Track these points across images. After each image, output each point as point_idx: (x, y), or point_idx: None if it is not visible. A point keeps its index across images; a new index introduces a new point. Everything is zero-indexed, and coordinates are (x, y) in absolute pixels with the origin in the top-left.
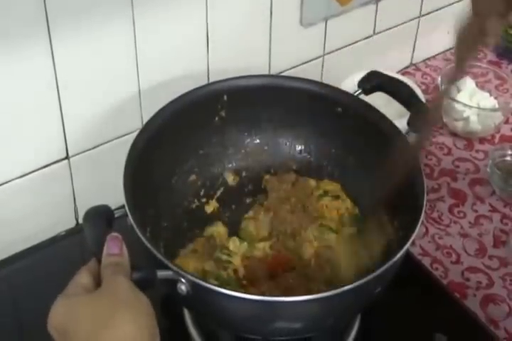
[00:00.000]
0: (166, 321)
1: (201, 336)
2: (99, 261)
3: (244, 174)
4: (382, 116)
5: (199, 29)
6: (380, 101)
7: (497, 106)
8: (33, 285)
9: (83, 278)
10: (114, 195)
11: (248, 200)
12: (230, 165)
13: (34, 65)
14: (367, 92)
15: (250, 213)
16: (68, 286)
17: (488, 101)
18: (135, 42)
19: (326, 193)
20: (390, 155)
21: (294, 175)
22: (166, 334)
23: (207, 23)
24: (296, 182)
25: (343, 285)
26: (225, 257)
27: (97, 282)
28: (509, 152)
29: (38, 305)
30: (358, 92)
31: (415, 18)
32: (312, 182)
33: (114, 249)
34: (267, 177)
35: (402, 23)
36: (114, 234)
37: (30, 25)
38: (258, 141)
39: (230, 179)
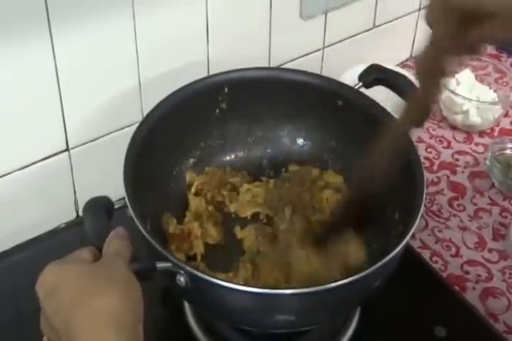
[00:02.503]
0: (166, 313)
1: (201, 328)
2: (99, 250)
3: (244, 166)
4: (383, 110)
5: (199, 21)
6: (381, 94)
7: (496, 99)
8: (33, 278)
9: (83, 252)
10: (114, 187)
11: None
12: (231, 158)
13: (34, 55)
14: (367, 86)
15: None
16: (67, 256)
17: (487, 94)
18: (135, 33)
19: (327, 185)
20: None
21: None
22: (165, 326)
23: (207, 15)
24: (298, 171)
25: (343, 279)
26: None
27: (96, 260)
28: (509, 145)
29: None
30: (358, 86)
31: (415, 11)
32: (315, 172)
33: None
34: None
35: (402, 16)
36: (120, 227)
37: (30, 15)
38: (259, 133)
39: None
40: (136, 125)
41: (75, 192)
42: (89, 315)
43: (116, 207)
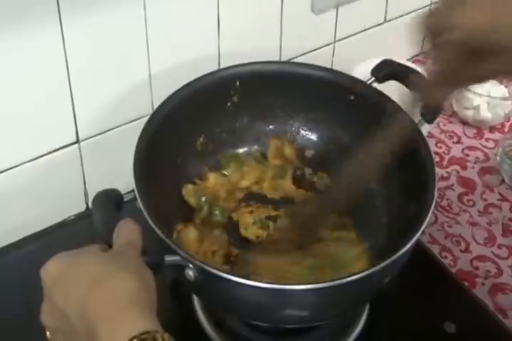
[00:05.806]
0: (175, 306)
1: (209, 321)
2: (108, 245)
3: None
4: (396, 105)
5: (210, 14)
6: (393, 89)
7: (507, 94)
8: None
9: (93, 246)
10: (123, 180)
11: None
12: (241, 151)
13: (44, 48)
14: (380, 81)
15: None
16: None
17: (498, 89)
18: (146, 25)
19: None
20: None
21: None
22: (174, 319)
23: (218, 9)
24: None
25: (353, 275)
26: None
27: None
28: None
29: None
30: (370, 80)
31: (426, 5)
32: None
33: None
34: None
35: (413, 11)
36: (128, 218)
37: (40, 5)
38: (270, 127)
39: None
40: (146, 118)
41: (85, 184)
42: (107, 293)
43: (125, 199)
